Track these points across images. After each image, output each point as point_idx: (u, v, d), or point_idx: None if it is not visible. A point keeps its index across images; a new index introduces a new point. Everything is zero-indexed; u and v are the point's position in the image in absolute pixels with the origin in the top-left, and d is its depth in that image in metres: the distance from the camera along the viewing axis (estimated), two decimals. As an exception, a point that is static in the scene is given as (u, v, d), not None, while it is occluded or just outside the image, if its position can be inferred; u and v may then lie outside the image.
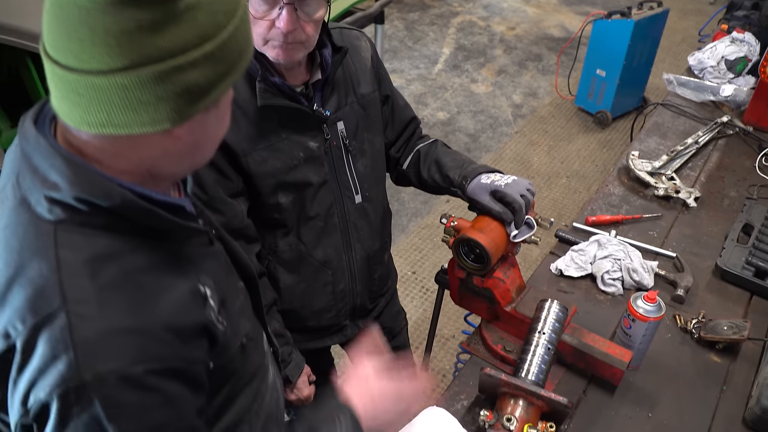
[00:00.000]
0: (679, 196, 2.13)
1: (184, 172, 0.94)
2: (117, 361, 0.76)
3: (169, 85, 0.73)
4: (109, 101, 0.73)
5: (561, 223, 3.81)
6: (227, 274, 1.05)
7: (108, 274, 0.79)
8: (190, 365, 0.86)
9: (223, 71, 0.78)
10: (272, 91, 1.39)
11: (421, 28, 6.25)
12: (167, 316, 0.82)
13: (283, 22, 1.27)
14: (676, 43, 5.99)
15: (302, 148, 1.48)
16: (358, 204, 1.62)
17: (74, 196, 0.78)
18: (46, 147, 0.79)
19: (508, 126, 4.80)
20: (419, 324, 3.15)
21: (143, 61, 0.71)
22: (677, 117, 2.64)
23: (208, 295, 0.91)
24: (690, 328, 1.67)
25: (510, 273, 1.58)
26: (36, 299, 0.76)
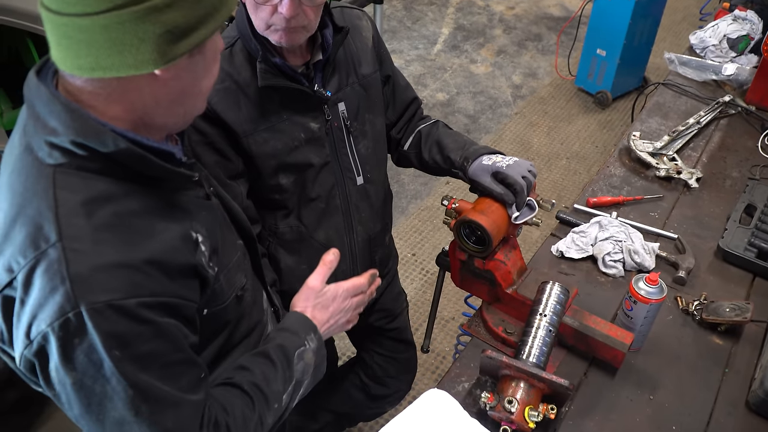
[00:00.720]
0: (681, 176, 2.12)
1: (176, 122, 0.96)
2: (110, 293, 0.81)
3: (148, 25, 0.77)
4: (95, 43, 0.77)
5: (561, 204, 3.79)
6: (223, 227, 1.09)
7: (102, 215, 0.84)
8: (181, 301, 0.90)
9: (203, 14, 0.82)
10: (273, 72, 1.39)
11: (420, 8, 6.18)
12: (158, 253, 0.87)
13: (285, 8, 1.26)
14: (677, 22, 5.93)
15: (303, 129, 1.48)
16: (360, 186, 1.62)
17: (71, 140, 0.83)
18: (46, 94, 0.84)
19: (508, 107, 4.76)
20: (419, 306, 3.15)
21: (122, 2, 0.75)
22: (679, 97, 2.61)
23: (199, 241, 0.95)
24: (692, 310, 1.66)
25: (511, 255, 1.57)
26: (35, 235, 0.81)
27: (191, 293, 0.94)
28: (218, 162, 1.44)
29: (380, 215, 1.73)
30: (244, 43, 1.41)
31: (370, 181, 1.64)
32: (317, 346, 1.18)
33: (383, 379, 2.09)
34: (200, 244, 0.96)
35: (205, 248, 0.97)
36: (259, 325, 1.24)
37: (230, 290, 1.07)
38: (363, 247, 1.69)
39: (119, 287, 0.82)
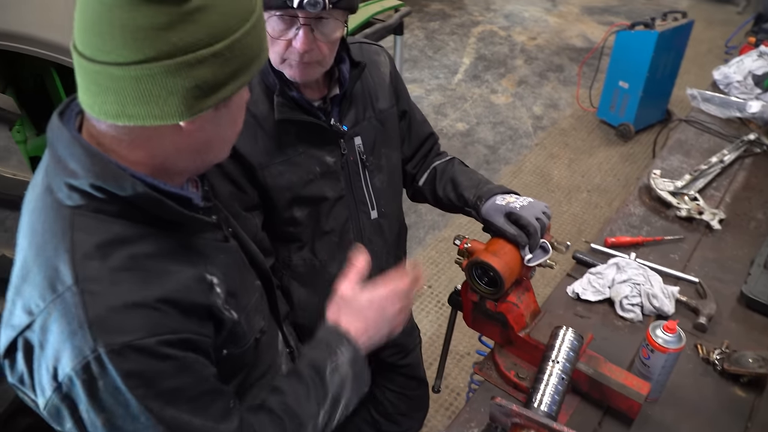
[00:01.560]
0: (703, 217, 2.06)
1: (196, 169, 0.98)
2: (128, 335, 0.81)
3: (178, 79, 0.78)
4: (124, 92, 0.79)
5: (581, 238, 3.74)
6: (241, 270, 1.09)
7: (117, 257, 0.84)
8: (199, 337, 0.90)
9: (232, 71, 0.83)
10: (290, 106, 1.39)
11: (442, 38, 6.22)
12: (171, 292, 0.87)
13: (299, 42, 1.27)
14: (702, 54, 5.88)
15: (319, 163, 1.47)
16: (374, 220, 1.61)
17: (90, 183, 0.84)
18: (68, 137, 0.86)
19: (528, 138, 4.74)
20: (434, 340, 3.10)
21: (155, 55, 0.77)
22: (701, 134, 2.56)
23: (214, 283, 0.95)
24: (713, 359, 1.60)
25: (524, 297, 1.53)
26: (52, 278, 0.83)
27: (206, 331, 0.94)
28: (233, 193, 1.43)
29: (394, 249, 1.71)
30: (262, 76, 1.41)
31: (385, 215, 1.63)
32: (352, 357, 1.10)
33: (394, 416, 2.05)
34: (215, 286, 0.96)
35: (220, 290, 0.96)
36: (273, 367, 1.21)
37: (251, 333, 1.06)
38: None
39: (137, 327, 0.82)
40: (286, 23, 1.26)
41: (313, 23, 1.26)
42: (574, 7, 7.04)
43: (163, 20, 0.76)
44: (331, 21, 1.28)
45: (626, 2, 7.20)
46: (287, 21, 1.26)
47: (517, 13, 6.81)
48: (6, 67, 2.77)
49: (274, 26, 1.27)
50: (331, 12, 1.26)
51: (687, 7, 6.98)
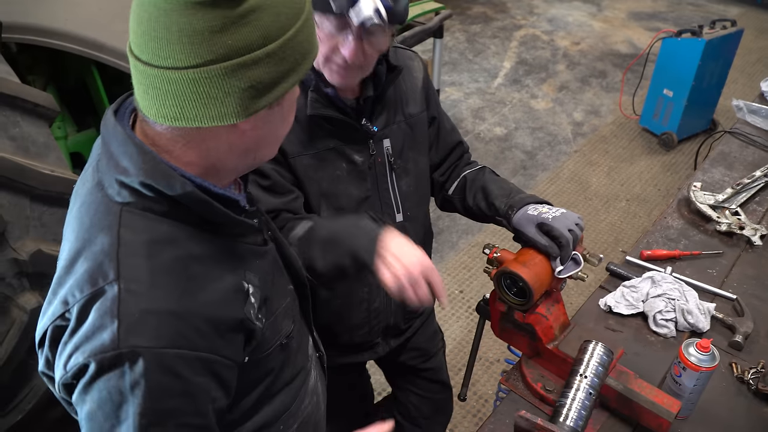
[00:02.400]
0: (743, 232, 2.01)
1: (247, 167, 0.99)
2: (154, 340, 0.82)
3: (235, 81, 0.80)
4: (182, 95, 0.80)
5: (617, 248, 3.68)
6: (276, 274, 1.09)
7: (163, 258, 0.86)
8: (221, 359, 0.90)
9: (285, 70, 0.84)
10: (323, 102, 1.41)
11: (483, 41, 6.18)
12: (208, 307, 0.88)
13: (348, 51, 1.29)
14: (751, 63, 5.72)
15: (347, 161, 1.49)
16: (399, 223, 1.61)
17: (141, 182, 0.85)
18: (122, 135, 0.87)
19: (567, 144, 4.67)
20: (463, 345, 3.09)
21: (212, 58, 0.78)
22: (746, 147, 2.49)
23: (250, 292, 0.96)
24: (747, 378, 1.56)
25: (553, 309, 1.51)
26: (95, 271, 0.84)
27: (233, 351, 0.93)
28: (275, 169, 1.44)
29: None
30: None
31: (410, 219, 1.63)
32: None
33: (417, 419, 2.05)
34: (251, 296, 0.96)
35: (255, 300, 0.97)
36: (303, 371, 1.21)
37: (275, 338, 1.06)
38: None
39: (164, 335, 0.83)
40: (338, 27, 1.28)
41: (365, 34, 1.28)
42: (621, 12, 6.92)
43: (218, 23, 0.77)
44: (381, 34, 1.30)
45: (674, 8, 7.04)
46: (339, 25, 1.28)
47: (560, 18, 6.73)
48: (48, 64, 2.86)
49: (325, 27, 1.29)
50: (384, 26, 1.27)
51: (737, 14, 6.80)
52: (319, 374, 1.31)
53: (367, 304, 1.64)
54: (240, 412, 1.05)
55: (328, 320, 1.64)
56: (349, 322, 1.66)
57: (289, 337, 1.10)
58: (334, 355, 1.69)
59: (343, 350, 1.74)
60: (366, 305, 1.64)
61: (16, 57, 2.72)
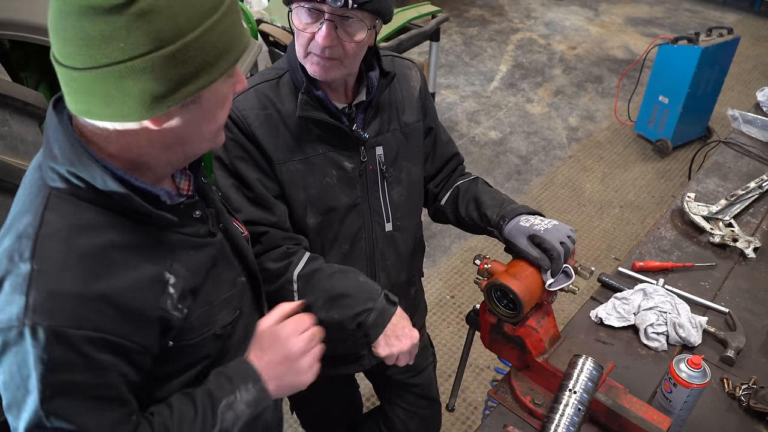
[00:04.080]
0: (737, 245, 2.00)
1: (178, 161, 1.00)
2: (56, 320, 0.86)
3: (130, 83, 0.81)
4: (87, 93, 0.83)
5: (610, 255, 3.66)
6: (220, 266, 1.11)
7: (80, 243, 0.88)
8: (127, 343, 0.92)
9: (192, 71, 0.85)
10: (313, 105, 1.39)
11: (480, 44, 6.17)
12: (119, 293, 0.90)
13: (321, 37, 1.28)
14: (747, 71, 5.72)
15: (336, 167, 1.47)
16: (388, 232, 1.59)
17: (66, 169, 0.90)
18: (55, 122, 0.92)
19: (562, 149, 4.66)
20: (453, 351, 3.07)
21: (106, 62, 0.80)
22: (740, 157, 2.48)
23: (170, 283, 0.98)
24: (739, 394, 1.54)
25: (544, 322, 1.49)
26: (13, 249, 0.88)
27: (145, 337, 0.95)
28: (260, 179, 1.43)
29: (406, 265, 1.67)
30: (291, 75, 1.43)
31: (400, 228, 1.60)
32: (255, 397, 1.10)
33: (397, 426, 2.03)
34: (170, 286, 0.98)
35: (174, 290, 0.99)
36: None
37: (205, 327, 1.07)
38: None
39: (67, 316, 0.86)
40: (313, 17, 1.27)
41: (338, 21, 1.27)
42: (617, 17, 6.92)
43: (109, 28, 0.78)
44: (356, 22, 1.28)
45: (671, 14, 7.04)
46: (314, 15, 1.27)
47: (558, 22, 6.72)
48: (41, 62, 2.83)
49: (301, 18, 1.29)
50: (356, 12, 1.26)
51: (734, 21, 6.80)
52: None
53: None
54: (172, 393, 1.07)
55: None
56: (331, 335, 1.63)
57: (226, 328, 1.12)
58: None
59: (328, 362, 1.70)
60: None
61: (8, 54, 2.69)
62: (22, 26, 2.36)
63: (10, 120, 1.95)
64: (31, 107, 1.99)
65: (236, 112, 1.39)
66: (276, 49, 3.69)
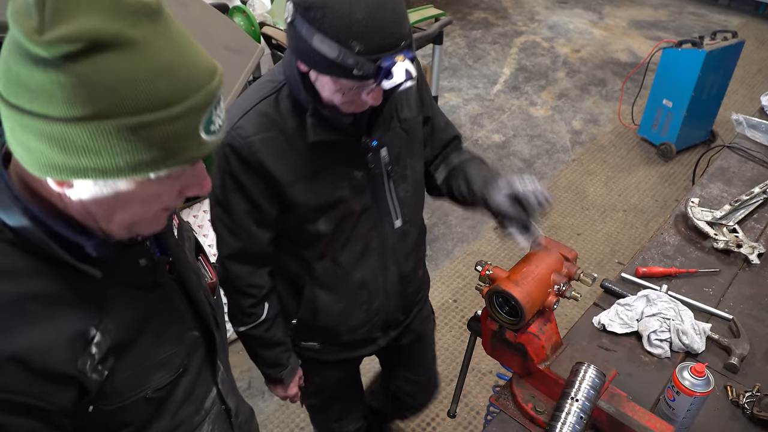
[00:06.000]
0: (741, 250, 1.98)
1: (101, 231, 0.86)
2: None
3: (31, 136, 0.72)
4: (7, 128, 0.74)
5: (613, 259, 3.65)
6: (159, 321, 0.99)
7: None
8: (41, 403, 0.82)
9: (89, 157, 0.72)
10: (323, 126, 1.37)
11: (483, 47, 6.16)
12: (28, 351, 0.79)
13: (374, 99, 1.27)
14: (751, 74, 5.70)
15: (348, 178, 1.47)
16: (398, 228, 1.61)
17: None
18: None
19: (566, 153, 4.65)
20: (456, 356, 3.05)
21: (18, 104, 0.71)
22: (745, 162, 2.47)
23: (93, 341, 0.86)
24: (742, 402, 1.53)
25: (546, 329, 1.48)
26: None
27: (59, 397, 0.85)
28: (249, 212, 1.44)
29: (414, 253, 1.72)
30: (292, 90, 1.37)
31: (408, 223, 1.63)
32: None
33: (404, 398, 2.17)
34: (93, 345, 0.87)
35: (97, 350, 0.87)
36: (186, 424, 1.09)
37: (133, 391, 0.95)
38: (396, 284, 1.68)
39: None
40: (361, 85, 1.23)
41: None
42: (622, 20, 6.90)
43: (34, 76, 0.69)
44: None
45: (675, 17, 7.02)
46: (362, 83, 1.21)
47: (561, 25, 6.70)
48: None
49: (346, 87, 1.23)
50: None
51: (738, 25, 6.78)
52: (219, 428, 1.18)
53: (368, 306, 1.66)
54: None
55: (331, 323, 1.66)
56: (351, 323, 1.68)
57: (160, 390, 1.00)
58: (335, 351, 1.77)
59: (346, 347, 1.76)
60: (366, 306, 1.66)
61: None
62: None
63: None
64: None
65: (240, 140, 1.35)
66: (279, 51, 3.69)
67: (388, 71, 1.16)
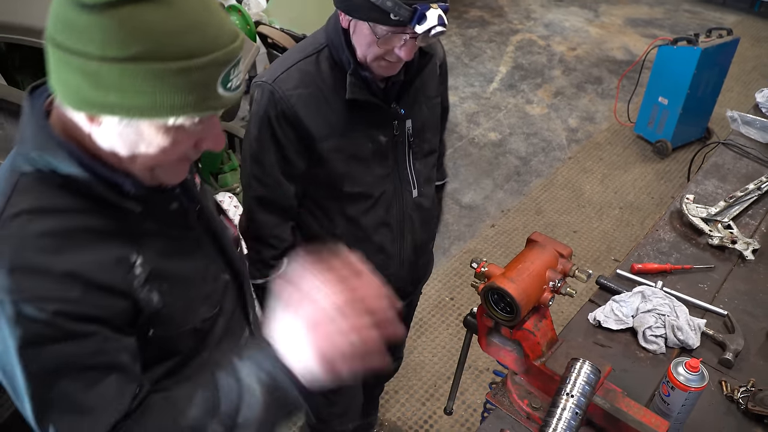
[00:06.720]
0: (736, 247, 1.99)
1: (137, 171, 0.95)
2: (21, 294, 0.85)
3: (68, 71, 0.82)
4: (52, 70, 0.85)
5: (609, 257, 3.66)
6: (195, 260, 1.10)
7: (42, 224, 0.89)
8: (105, 313, 0.92)
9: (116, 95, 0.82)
10: (360, 86, 1.47)
11: (479, 45, 6.16)
12: (79, 266, 0.89)
13: (406, 53, 1.37)
14: (746, 72, 5.71)
15: (372, 141, 1.56)
16: (415, 198, 1.70)
17: (35, 154, 0.90)
18: (28, 109, 0.94)
19: (562, 151, 4.65)
20: (453, 353, 3.06)
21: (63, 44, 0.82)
22: (739, 159, 2.48)
23: (136, 264, 0.96)
24: (737, 397, 1.54)
25: (541, 325, 1.49)
26: None
27: (114, 309, 0.94)
28: (277, 162, 1.53)
29: (427, 226, 1.80)
30: (333, 52, 1.48)
31: (423, 194, 1.72)
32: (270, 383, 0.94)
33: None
34: (137, 267, 0.97)
35: (141, 271, 0.97)
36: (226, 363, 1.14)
37: (185, 320, 1.06)
38: (411, 253, 1.76)
39: (32, 289, 0.86)
40: (395, 32, 1.34)
41: (420, 37, 1.33)
42: (617, 18, 6.91)
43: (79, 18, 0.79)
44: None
45: (671, 15, 7.04)
46: (397, 30, 1.33)
47: (557, 23, 6.71)
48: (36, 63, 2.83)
49: (379, 32, 1.34)
50: None
51: (734, 22, 6.80)
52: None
53: (382, 271, 1.66)
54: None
55: None
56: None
57: (205, 322, 1.10)
58: None
59: None
60: (381, 272, 1.64)
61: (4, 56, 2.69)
62: (17, 29, 2.36)
63: (5, 123, 1.95)
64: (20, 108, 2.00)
65: (280, 91, 1.45)
66: (274, 50, 3.69)
67: (422, 15, 1.26)
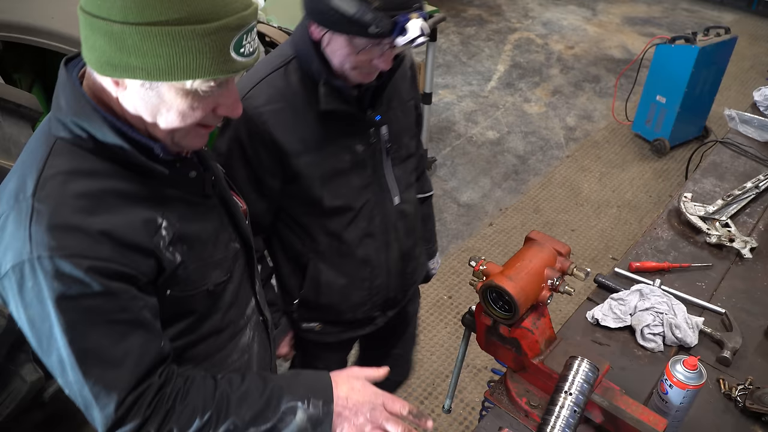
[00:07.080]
0: (733, 245, 1.99)
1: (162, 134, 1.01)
2: (59, 250, 0.91)
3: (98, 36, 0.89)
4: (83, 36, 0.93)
5: (607, 255, 3.66)
6: (214, 226, 1.17)
7: (77, 185, 0.95)
8: (130, 271, 0.97)
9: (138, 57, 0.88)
10: (333, 95, 1.42)
11: (477, 44, 6.16)
12: (112, 226, 0.95)
13: (385, 63, 1.34)
14: (744, 70, 5.72)
15: (350, 151, 1.52)
16: (397, 206, 1.66)
17: (70, 120, 0.97)
18: (64, 76, 1.00)
19: (560, 149, 4.66)
20: (451, 352, 3.06)
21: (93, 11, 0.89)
22: (737, 157, 2.48)
23: (162, 226, 1.03)
24: (735, 395, 1.54)
25: (539, 323, 1.49)
26: (18, 188, 0.95)
27: (141, 267, 1.00)
28: (249, 178, 1.49)
29: (413, 232, 1.76)
30: (302, 63, 1.43)
31: (405, 201, 1.68)
32: (316, 415, 1.10)
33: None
34: (162, 229, 1.03)
35: (166, 233, 1.04)
36: (233, 326, 1.26)
37: (200, 282, 1.12)
38: (398, 262, 1.73)
39: (66, 247, 0.91)
40: (375, 43, 1.30)
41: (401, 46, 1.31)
42: (615, 16, 6.91)
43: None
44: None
45: (669, 14, 7.05)
46: (376, 41, 1.29)
47: (555, 21, 6.72)
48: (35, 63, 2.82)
49: (358, 44, 1.30)
50: None
51: (731, 21, 6.80)
52: (258, 336, 1.36)
53: (369, 283, 1.69)
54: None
55: (333, 300, 1.69)
56: (353, 300, 1.71)
57: (218, 286, 1.16)
58: (336, 332, 1.80)
59: (347, 327, 1.80)
60: (368, 283, 1.69)
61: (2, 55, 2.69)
62: (15, 27, 2.35)
63: (3, 122, 1.94)
64: (24, 109, 1.99)
65: (250, 109, 1.41)
66: (272, 48, 3.68)
67: (403, 27, 1.22)
